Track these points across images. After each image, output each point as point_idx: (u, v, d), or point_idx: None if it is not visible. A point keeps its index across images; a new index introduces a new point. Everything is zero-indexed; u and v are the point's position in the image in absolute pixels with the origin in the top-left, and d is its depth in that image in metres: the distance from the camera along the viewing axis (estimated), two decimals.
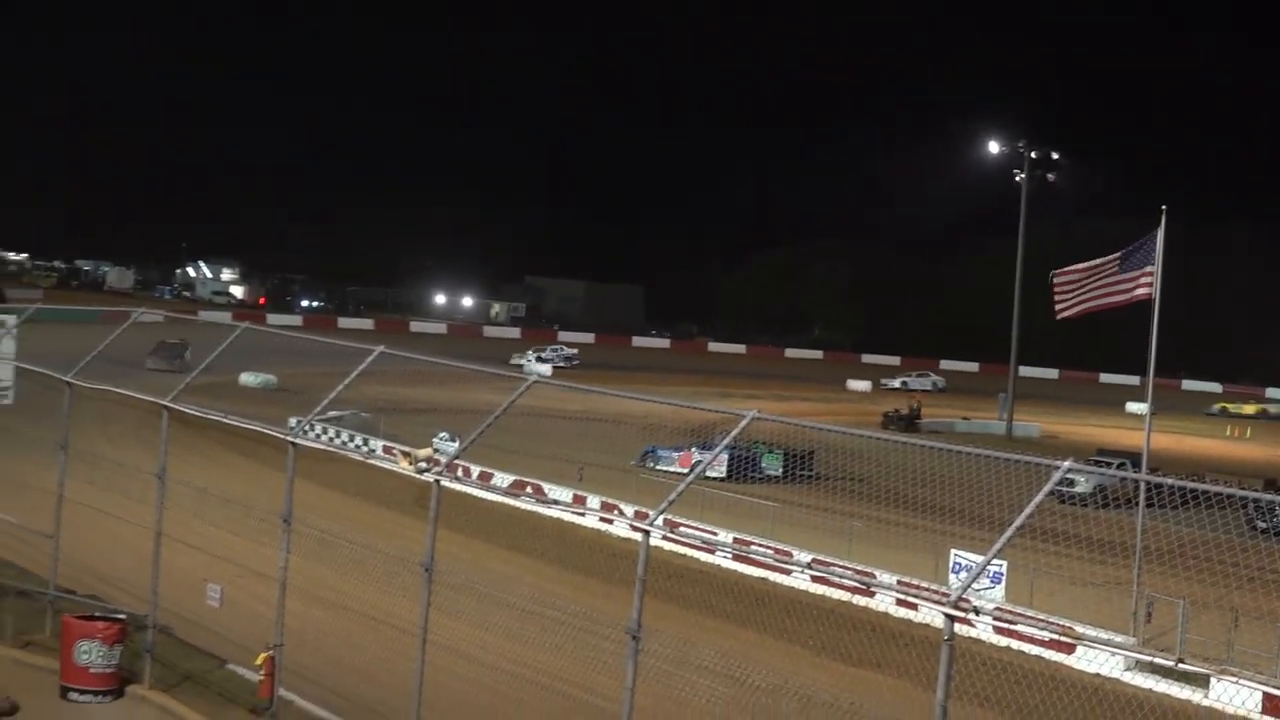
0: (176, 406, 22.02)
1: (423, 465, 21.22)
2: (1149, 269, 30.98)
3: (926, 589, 20.08)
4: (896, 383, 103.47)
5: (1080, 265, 32.07)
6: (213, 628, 22.49)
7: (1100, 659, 24.58)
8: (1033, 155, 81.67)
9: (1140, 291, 31.38)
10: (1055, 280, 32.43)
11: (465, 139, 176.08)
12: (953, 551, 29.59)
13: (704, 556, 25.04)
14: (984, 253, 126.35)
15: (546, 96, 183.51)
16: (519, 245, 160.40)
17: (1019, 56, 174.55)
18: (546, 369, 79.77)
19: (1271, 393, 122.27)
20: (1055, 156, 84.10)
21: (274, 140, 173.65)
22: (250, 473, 26.81)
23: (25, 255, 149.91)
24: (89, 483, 24.19)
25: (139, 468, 23.45)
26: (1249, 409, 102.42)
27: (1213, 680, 22.30)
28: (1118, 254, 31.50)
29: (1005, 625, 21.68)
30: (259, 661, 20.29)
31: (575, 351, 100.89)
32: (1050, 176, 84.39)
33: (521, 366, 78.26)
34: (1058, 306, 32.52)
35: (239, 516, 22.35)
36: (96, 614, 22.01)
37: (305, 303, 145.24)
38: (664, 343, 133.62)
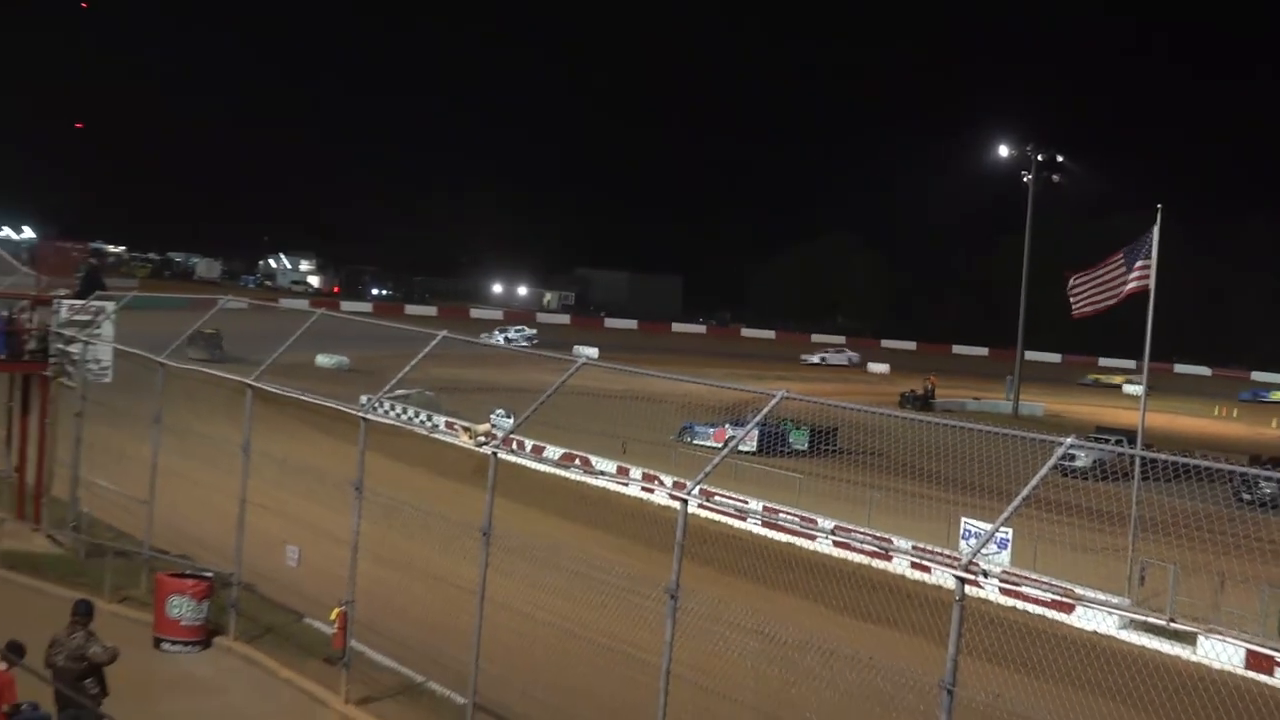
0: (259, 385, 22.15)
1: (481, 439, 21.23)
2: (1146, 263, 30.97)
3: (939, 553, 20.04)
4: (815, 358, 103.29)
5: (1092, 268, 32.10)
6: (291, 585, 22.63)
7: (1097, 618, 24.56)
8: (1039, 158, 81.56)
9: (1137, 285, 31.34)
10: (1071, 283, 32.48)
11: (522, 142, 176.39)
12: (963, 520, 29.54)
13: (736, 523, 25.07)
14: (996, 247, 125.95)
15: (596, 104, 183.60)
16: (569, 239, 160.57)
17: (1032, 65, 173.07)
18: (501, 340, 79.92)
19: (1256, 375, 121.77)
20: (1060, 159, 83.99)
21: (346, 144, 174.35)
22: (325, 446, 26.94)
23: (123, 248, 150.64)
24: (180, 454, 24.36)
25: (225, 440, 23.60)
26: (1117, 379, 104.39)
27: (1200, 638, 22.26)
28: (1121, 252, 31.52)
29: (1011, 587, 21.65)
30: (333, 616, 20.41)
31: (535, 332, 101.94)
32: (1055, 178, 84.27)
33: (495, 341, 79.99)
34: (1074, 306, 32.61)
35: (315, 485, 22.44)
36: (187, 572, 22.19)
37: (375, 291, 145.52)
38: (701, 329, 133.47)
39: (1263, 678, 22.96)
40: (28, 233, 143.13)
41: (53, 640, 15.85)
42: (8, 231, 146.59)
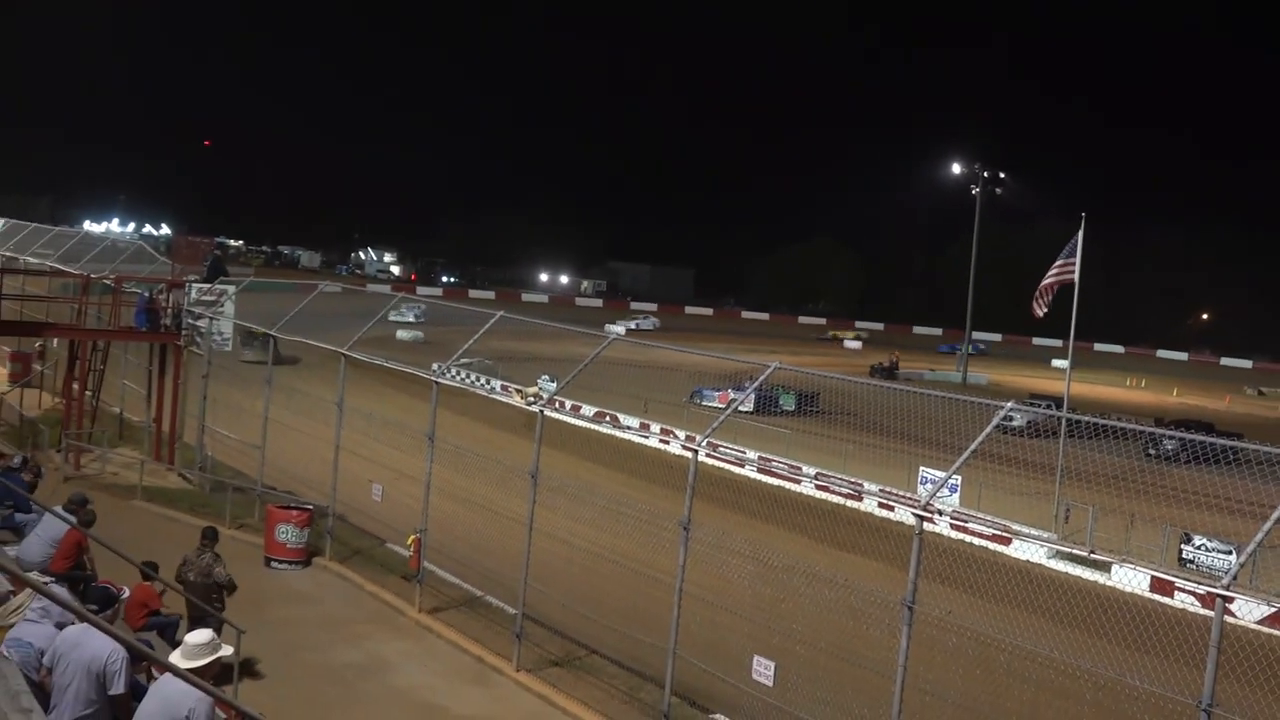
0: (350, 354, 22.13)
1: (530, 399, 21.19)
2: (1072, 260, 31.06)
3: (902, 496, 19.94)
4: (631, 324, 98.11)
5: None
6: (376, 516, 22.64)
7: (1030, 549, 24.44)
8: (985, 174, 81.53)
9: (1065, 276, 31.47)
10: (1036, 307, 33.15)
11: (565, 156, 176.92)
12: (921, 468, 29.43)
13: (736, 469, 24.95)
14: (949, 246, 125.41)
15: (621, 117, 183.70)
16: (602, 237, 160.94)
17: (981, 97, 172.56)
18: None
19: (1161, 353, 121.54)
20: (1002, 175, 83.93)
21: (422, 157, 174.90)
22: (403, 403, 26.90)
23: (241, 242, 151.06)
24: (286, 409, 24.38)
25: (323, 398, 23.58)
26: (849, 334, 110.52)
27: (1114, 566, 22.13)
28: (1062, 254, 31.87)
29: (960, 523, 21.55)
30: (409, 541, 20.44)
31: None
32: (998, 190, 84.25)
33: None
34: (1036, 308, 33.18)
35: (395, 435, 22.42)
36: (291, 505, 22.22)
37: (445, 278, 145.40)
38: (709, 311, 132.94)
39: (1164, 599, 22.84)
40: (165, 229, 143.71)
41: (184, 559, 15.89)
42: (149, 228, 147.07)
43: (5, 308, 32.61)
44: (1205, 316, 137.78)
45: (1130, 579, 21.16)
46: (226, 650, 9.02)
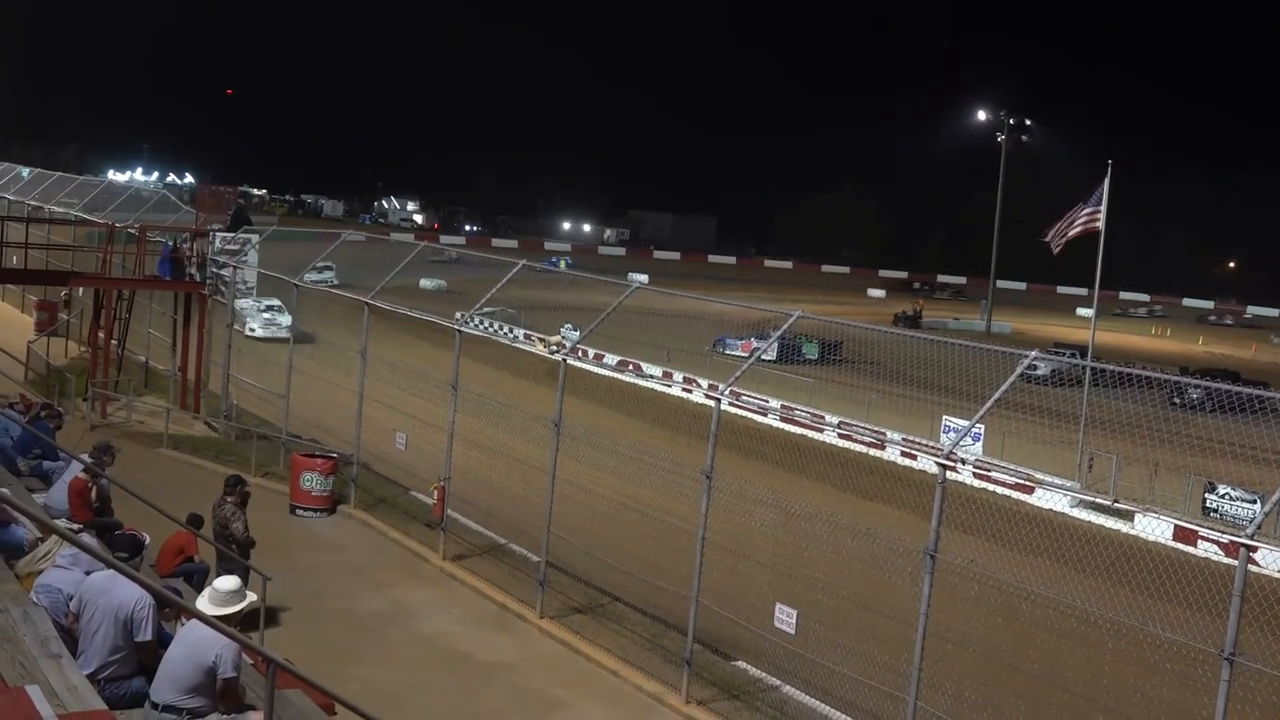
0: (374, 303, 22.16)
1: (553, 348, 21.20)
2: (1098, 209, 30.83)
3: (925, 444, 19.93)
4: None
5: (1059, 219, 32.18)
6: (399, 465, 22.75)
7: (1053, 498, 24.41)
8: (1010, 121, 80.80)
9: (1092, 225, 31.24)
10: (1047, 234, 32.67)
11: (588, 105, 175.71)
12: (944, 417, 29.34)
13: (759, 418, 24.94)
14: (974, 195, 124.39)
15: (644, 65, 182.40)
16: (624, 185, 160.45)
17: (1008, 42, 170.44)
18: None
19: (1187, 302, 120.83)
20: (1028, 122, 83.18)
21: (445, 105, 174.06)
22: (427, 352, 26.93)
23: (265, 191, 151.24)
24: (310, 358, 24.48)
25: (346, 347, 23.66)
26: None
27: (1137, 515, 22.08)
28: (1081, 202, 31.51)
29: (982, 472, 21.52)
30: (433, 489, 20.54)
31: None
32: (1024, 138, 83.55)
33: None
34: (1050, 243, 32.79)
35: (418, 384, 22.47)
36: (316, 453, 22.34)
37: (468, 227, 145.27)
38: (731, 260, 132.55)
39: (1187, 548, 22.79)
40: (188, 178, 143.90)
41: (212, 508, 16.01)
42: (172, 177, 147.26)
43: (31, 257, 32.79)
44: (1232, 265, 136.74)
45: (1153, 528, 21.06)
46: (252, 598, 9.09)
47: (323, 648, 15.01)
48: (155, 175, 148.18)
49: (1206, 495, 27.01)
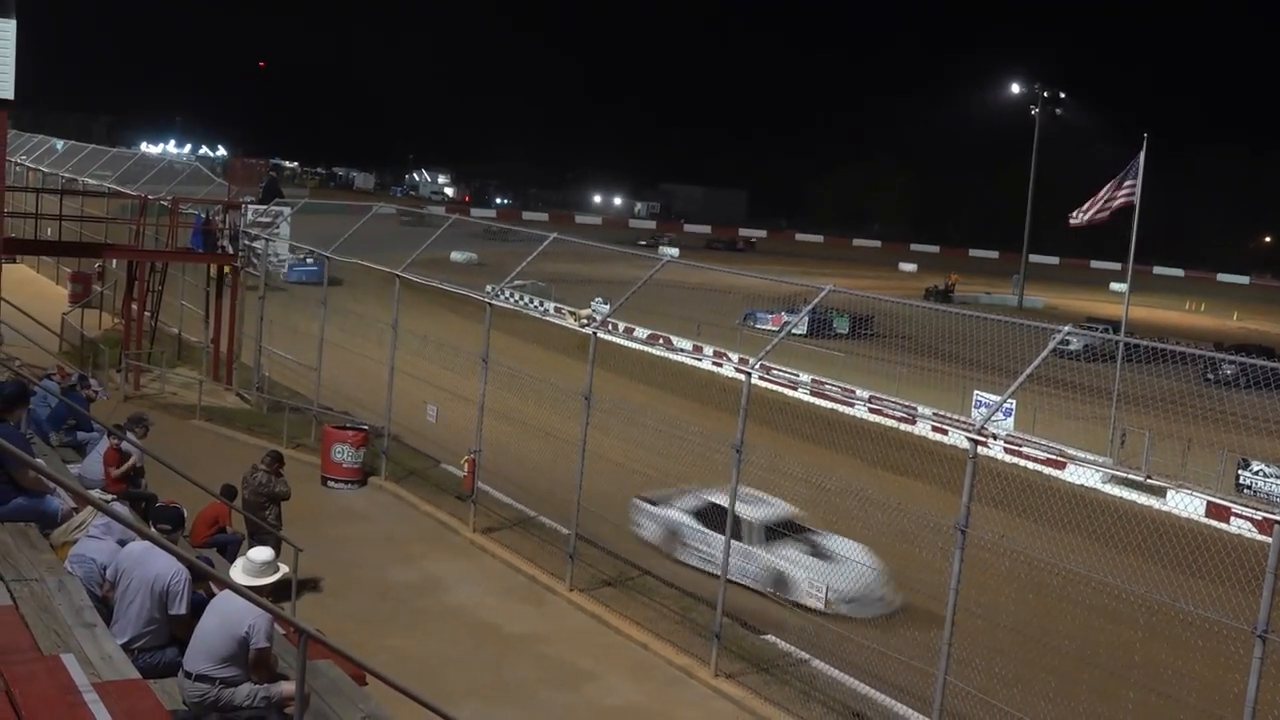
0: (405, 275, 22.20)
1: (583, 321, 21.20)
2: (1132, 183, 30.55)
3: (956, 419, 19.84)
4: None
5: (1090, 200, 31.95)
6: (430, 437, 22.83)
7: (1085, 474, 24.25)
8: (1045, 94, 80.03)
9: (1124, 200, 30.97)
10: (1073, 215, 32.41)
11: (621, 81, 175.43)
12: (975, 392, 29.24)
13: (789, 392, 24.88)
14: (1007, 168, 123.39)
15: (675, 37, 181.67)
16: (656, 158, 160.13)
17: (1041, 17, 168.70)
18: None
19: (1222, 276, 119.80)
20: (1062, 95, 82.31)
21: (475, 80, 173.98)
22: (457, 325, 27.00)
23: (296, 163, 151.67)
24: (342, 330, 24.53)
25: (377, 320, 23.69)
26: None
27: (1170, 492, 21.96)
28: (1116, 177, 31.23)
29: (1014, 447, 21.45)
30: (463, 462, 20.61)
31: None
32: (1059, 110, 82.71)
33: None
34: (1072, 219, 32.51)
35: (450, 356, 22.49)
36: (347, 425, 22.43)
37: (498, 200, 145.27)
38: (762, 233, 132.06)
39: (1220, 524, 22.66)
40: (221, 151, 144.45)
41: (244, 478, 16.12)
42: (205, 149, 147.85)
43: (65, 229, 32.99)
44: (1268, 239, 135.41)
45: (1186, 504, 20.96)
46: (284, 569, 9.15)
47: (354, 618, 15.11)
48: (188, 148, 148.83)
49: (1240, 472, 26.84)
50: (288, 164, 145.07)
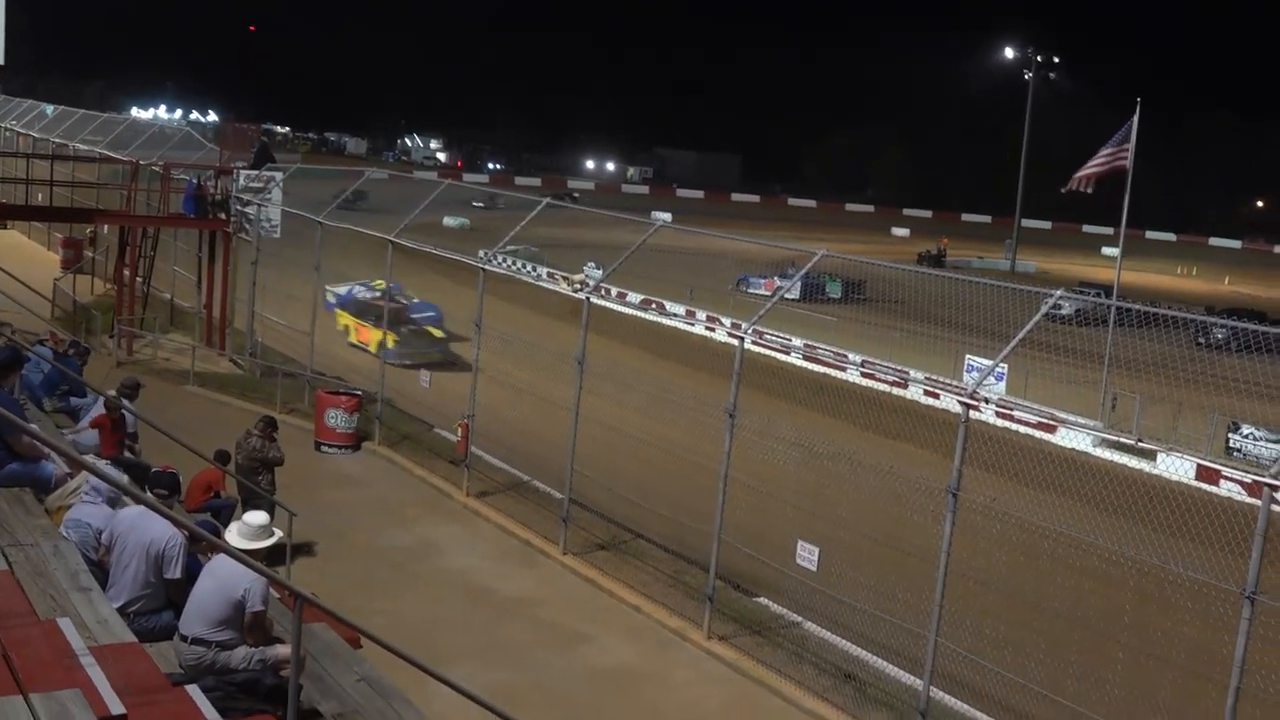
0: (398, 240, 22.15)
1: (576, 286, 21.19)
2: (1126, 147, 30.51)
3: (947, 384, 19.88)
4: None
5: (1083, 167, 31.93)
6: (424, 402, 22.86)
7: (1076, 437, 24.37)
8: (1039, 59, 79.75)
9: (1118, 164, 30.94)
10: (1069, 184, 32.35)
11: (616, 42, 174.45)
12: (967, 356, 29.26)
13: (782, 357, 24.88)
14: (1002, 132, 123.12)
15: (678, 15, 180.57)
16: (649, 123, 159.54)
17: None
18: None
19: (1214, 241, 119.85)
20: (1055, 60, 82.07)
21: (467, 44, 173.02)
22: (450, 290, 27.00)
23: (288, 128, 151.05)
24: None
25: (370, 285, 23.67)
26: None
27: (1160, 455, 22.04)
28: (1108, 141, 31.18)
29: (1005, 411, 21.50)
30: (457, 427, 20.64)
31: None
32: (1052, 75, 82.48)
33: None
34: (1065, 186, 32.49)
35: (444, 322, 22.52)
36: (341, 390, 22.45)
37: (491, 165, 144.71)
38: (755, 198, 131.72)
39: (1209, 487, 22.76)
40: (212, 116, 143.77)
41: (238, 444, 16.13)
42: (196, 114, 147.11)
43: (57, 194, 32.85)
44: (1261, 204, 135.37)
45: (1176, 467, 21.03)
46: (279, 534, 9.18)
47: (348, 582, 15.17)
48: (179, 113, 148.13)
49: (1230, 435, 26.94)
50: (279, 129, 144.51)
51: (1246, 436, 26.62)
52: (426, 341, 27.77)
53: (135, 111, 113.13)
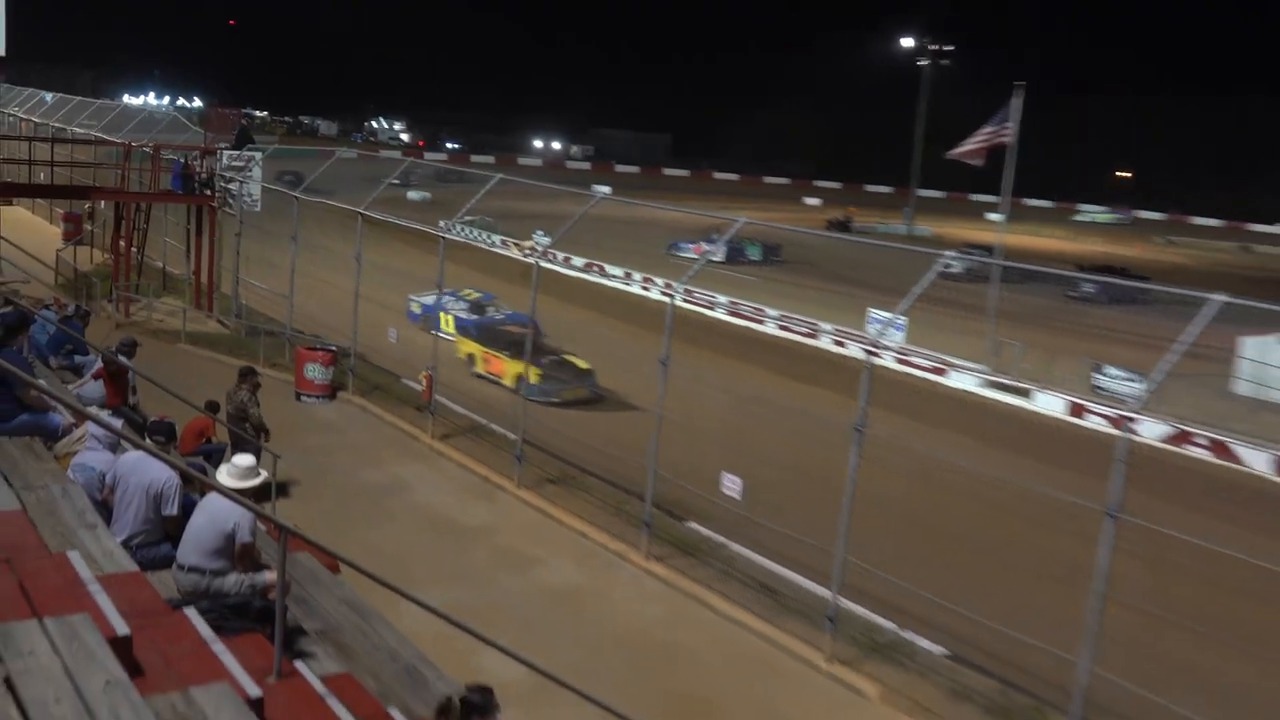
0: (367, 213, 21.94)
1: (527, 252, 21.11)
2: (1009, 125, 30.72)
3: (853, 334, 20.04)
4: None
5: (970, 138, 31.99)
6: (392, 356, 22.73)
7: (964, 379, 24.60)
8: (934, 48, 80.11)
9: (999, 140, 31.16)
10: (953, 152, 32.41)
11: (559, 31, 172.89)
12: (870, 310, 29.48)
13: (708, 312, 24.98)
14: (902, 111, 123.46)
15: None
16: (589, 106, 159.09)
17: None
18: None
19: (1085, 207, 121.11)
20: (949, 48, 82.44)
21: (428, 32, 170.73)
22: (414, 256, 26.74)
23: (266, 112, 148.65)
24: (310, 262, 24.24)
25: (342, 253, 23.42)
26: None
27: (1035, 393, 22.35)
28: (991, 120, 31.35)
29: (904, 358, 21.69)
30: (421, 377, 20.56)
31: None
32: (945, 62, 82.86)
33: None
34: (952, 153, 32.59)
35: (408, 285, 22.35)
36: (318, 346, 22.27)
37: (449, 144, 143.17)
38: (684, 173, 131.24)
39: (1079, 421, 23.13)
40: (197, 102, 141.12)
41: (227, 395, 15.98)
42: (182, 100, 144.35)
43: (57, 173, 32.21)
44: (1129, 175, 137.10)
45: (1050, 404, 21.35)
46: (265, 474, 9.14)
47: (328, 516, 15.12)
48: (166, 99, 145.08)
49: (1095, 375, 27.38)
50: (258, 113, 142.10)
51: (1111, 377, 27.07)
52: (572, 373, 22.69)
53: (126, 98, 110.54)
